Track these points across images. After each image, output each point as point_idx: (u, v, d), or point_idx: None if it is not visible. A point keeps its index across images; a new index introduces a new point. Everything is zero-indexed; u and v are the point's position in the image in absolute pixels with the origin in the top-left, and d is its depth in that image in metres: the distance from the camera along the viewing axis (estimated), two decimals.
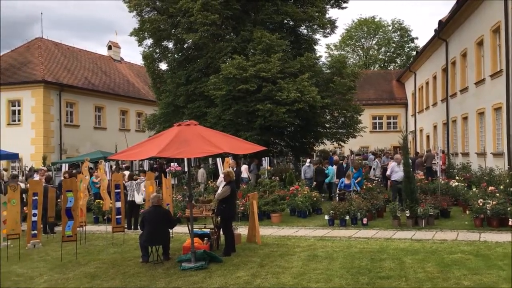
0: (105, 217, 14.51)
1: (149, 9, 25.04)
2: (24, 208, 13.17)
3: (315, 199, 15.03)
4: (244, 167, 20.17)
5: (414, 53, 45.03)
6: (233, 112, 21.28)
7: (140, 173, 15.57)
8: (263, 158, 20.89)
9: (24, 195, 13.72)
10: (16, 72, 28.58)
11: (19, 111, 27.93)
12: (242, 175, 19.33)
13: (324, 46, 60.62)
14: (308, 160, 19.97)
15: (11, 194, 10.91)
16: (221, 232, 10.18)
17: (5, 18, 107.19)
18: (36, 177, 16.75)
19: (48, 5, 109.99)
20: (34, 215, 11.19)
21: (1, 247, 10.87)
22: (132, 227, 13.59)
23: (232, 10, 22.53)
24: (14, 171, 23.71)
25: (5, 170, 23.61)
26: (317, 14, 23.87)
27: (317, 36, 26.46)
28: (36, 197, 11.27)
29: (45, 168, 19.05)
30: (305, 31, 26.23)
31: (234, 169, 14.89)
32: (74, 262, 9.49)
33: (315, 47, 26.39)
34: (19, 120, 27.93)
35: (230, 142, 9.59)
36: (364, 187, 15.65)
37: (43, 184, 12.58)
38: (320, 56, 29.08)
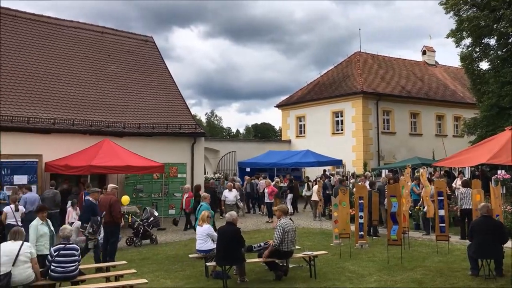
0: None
1: (467, 7, 23.54)
2: (351, 210, 14.31)
3: None
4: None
5: None
6: None
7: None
8: None
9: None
10: (339, 86, 31.50)
11: (341, 121, 30.55)
12: None
13: None
14: None
15: (342, 197, 12.05)
16: None
17: (328, 38, 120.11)
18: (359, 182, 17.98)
19: (366, 21, 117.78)
20: (361, 217, 12.04)
21: (333, 244, 12.11)
22: (460, 236, 12.98)
23: None
24: (339, 176, 26.05)
25: (332, 175, 26.20)
26: None
27: None
28: (361, 201, 12.13)
29: (368, 174, 20.29)
30: None
31: None
32: (400, 265, 9.71)
33: None
34: (341, 130, 30.54)
35: None
36: None
37: (367, 189, 13.39)
38: None
